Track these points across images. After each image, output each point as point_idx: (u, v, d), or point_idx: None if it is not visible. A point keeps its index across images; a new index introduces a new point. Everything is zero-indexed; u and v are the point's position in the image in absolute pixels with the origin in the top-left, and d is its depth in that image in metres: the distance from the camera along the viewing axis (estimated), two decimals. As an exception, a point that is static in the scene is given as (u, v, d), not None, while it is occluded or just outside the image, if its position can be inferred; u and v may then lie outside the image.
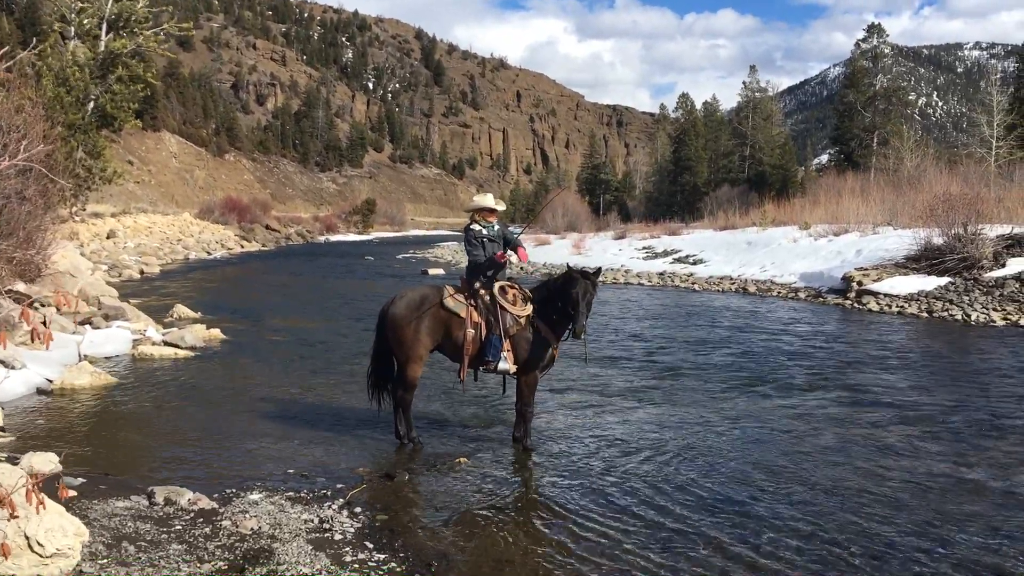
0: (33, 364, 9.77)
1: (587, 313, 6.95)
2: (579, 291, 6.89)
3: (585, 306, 6.91)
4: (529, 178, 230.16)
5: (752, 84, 77.55)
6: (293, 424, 8.30)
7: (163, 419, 8.43)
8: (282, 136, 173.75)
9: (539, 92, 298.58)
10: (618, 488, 6.52)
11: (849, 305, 20.74)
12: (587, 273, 7.06)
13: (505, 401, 8.53)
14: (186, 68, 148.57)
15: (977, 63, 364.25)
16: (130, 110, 35.55)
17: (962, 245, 20.51)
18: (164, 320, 15.29)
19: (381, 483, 6.53)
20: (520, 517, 5.92)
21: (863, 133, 62.67)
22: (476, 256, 7.47)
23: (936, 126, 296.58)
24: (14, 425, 7.82)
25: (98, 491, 5.93)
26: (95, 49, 34.04)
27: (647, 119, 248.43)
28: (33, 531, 4.37)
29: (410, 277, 30.35)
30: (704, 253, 34.21)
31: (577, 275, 6.98)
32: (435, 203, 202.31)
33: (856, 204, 33.02)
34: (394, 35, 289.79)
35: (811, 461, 7.31)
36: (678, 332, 16.22)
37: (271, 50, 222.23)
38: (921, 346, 14.86)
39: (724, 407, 9.41)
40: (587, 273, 7.06)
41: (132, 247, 34.89)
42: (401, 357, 7.47)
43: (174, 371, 11.08)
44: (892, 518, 5.90)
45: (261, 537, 5.25)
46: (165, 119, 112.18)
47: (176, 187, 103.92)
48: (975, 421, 8.78)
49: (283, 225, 74.37)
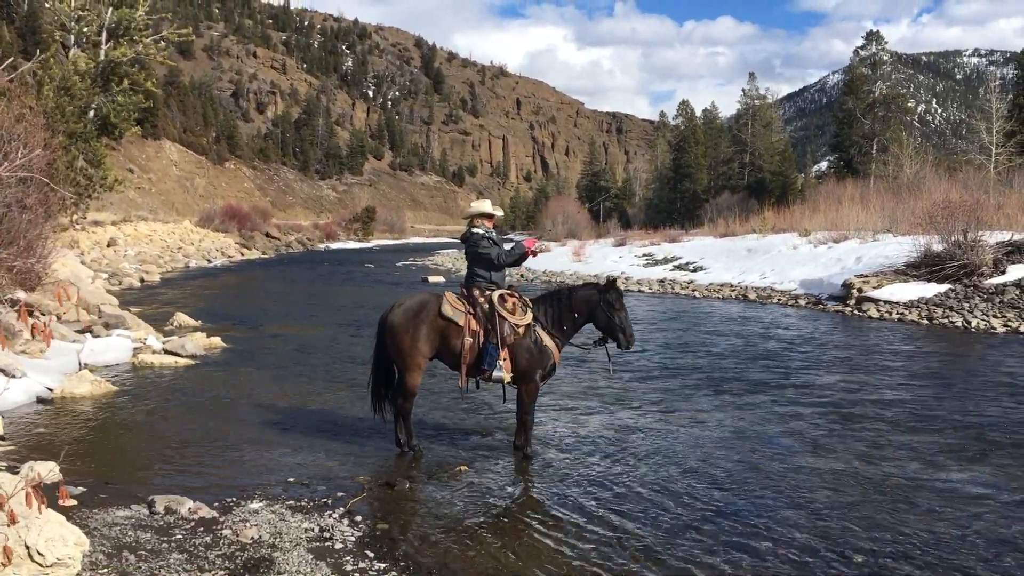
0: (33, 373, 9.76)
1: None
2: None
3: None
4: (529, 185, 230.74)
5: (751, 91, 77.73)
6: (293, 432, 8.29)
7: (163, 428, 8.42)
8: (282, 144, 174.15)
9: (539, 99, 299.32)
10: (619, 496, 6.51)
11: (849, 312, 20.74)
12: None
13: (506, 409, 8.53)
14: (186, 76, 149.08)
15: (976, 70, 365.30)
16: (131, 118, 35.61)
17: (962, 252, 20.51)
18: (164, 328, 15.28)
19: (382, 491, 6.52)
20: (521, 526, 5.90)
21: (862, 140, 62.77)
22: (489, 252, 7.43)
23: (935, 133, 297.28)
24: (14, 434, 7.81)
25: (98, 500, 5.92)
26: (95, 57, 34.11)
27: (647, 126, 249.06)
28: (33, 540, 4.36)
29: (410, 284, 30.35)
30: (704, 260, 34.20)
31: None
32: (435, 210, 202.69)
33: (856, 211, 33.03)
34: (394, 43, 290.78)
35: (813, 471, 7.30)
36: (678, 339, 16.22)
37: (271, 58, 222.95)
38: (922, 353, 14.85)
39: (726, 416, 9.40)
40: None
41: (132, 255, 34.89)
42: (400, 365, 7.45)
43: (174, 379, 11.08)
44: (897, 527, 5.89)
45: (262, 546, 5.24)
46: (165, 127, 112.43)
47: (176, 195, 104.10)
48: (976, 427, 8.76)
49: (283, 233, 74.51)
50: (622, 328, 7.27)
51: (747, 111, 76.99)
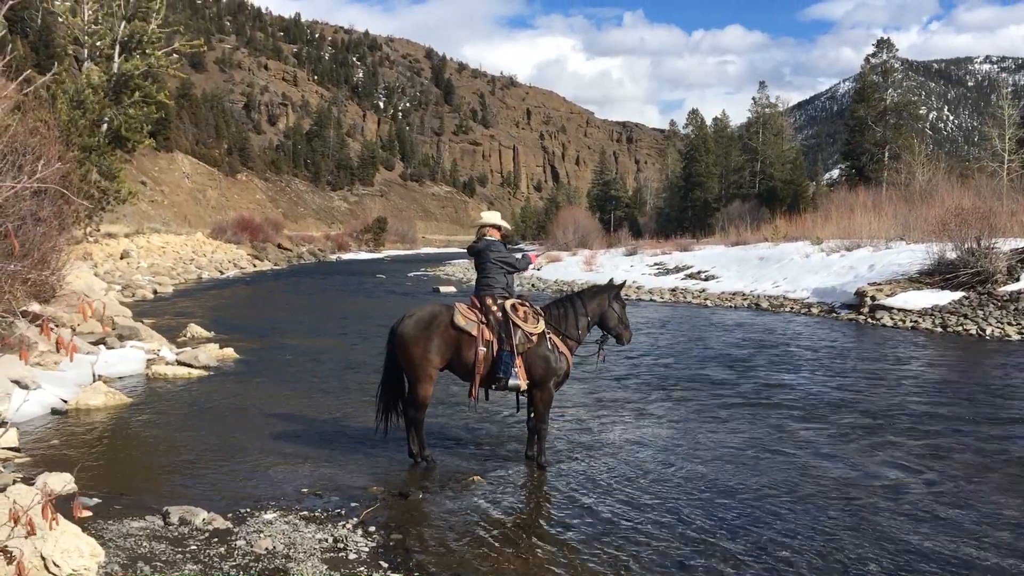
0: (48, 384, 9.81)
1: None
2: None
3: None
4: (540, 195, 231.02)
5: (762, 100, 77.73)
6: (306, 443, 8.30)
7: (177, 438, 8.45)
8: (294, 155, 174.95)
9: (549, 109, 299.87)
10: (631, 506, 6.49)
11: (863, 320, 20.65)
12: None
13: (518, 419, 8.51)
14: (199, 89, 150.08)
15: (988, 76, 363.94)
16: (143, 131, 35.83)
17: (975, 259, 20.40)
18: (178, 340, 15.34)
19: (395, 502, 6.52)
20: (534, 536, 5.89)
21: (874, 148, 62.62)
22: (508, 258, 7.61)
23: (947, 140, 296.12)
24: (29, 445, 7.84)
25: (113, 511, 5.94)
26: (108, 71, 34.37)
27: (657, 135, 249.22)
28: (49, 551, 4.39)
29: (422, 295, 30.39)
30: (716, 269, 34.12)
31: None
32: (446, 220, 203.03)
33: (868, 219, 32.91)
34: (404, 54, 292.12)
35: (828, 481, 7.27)
36: (690, 349, 16.18)
37: (283, 70, 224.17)
38: (936, 361, 14.76)
39: (738, 426, 9.36)
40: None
41: (145, 267, 35.07)
42: (411, 376, 7.45)
43: (188, 390, 11.12)
44: (909, 533, 5.85)
45: (276, 557, 5.24)
46: (178, 139, 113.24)
47: (189, 207, 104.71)
48: (994, 438, 8.71)
49: (295, 244, 74.70)
50: (626, 326, 7.65)
51: (758, 119, 76.94)
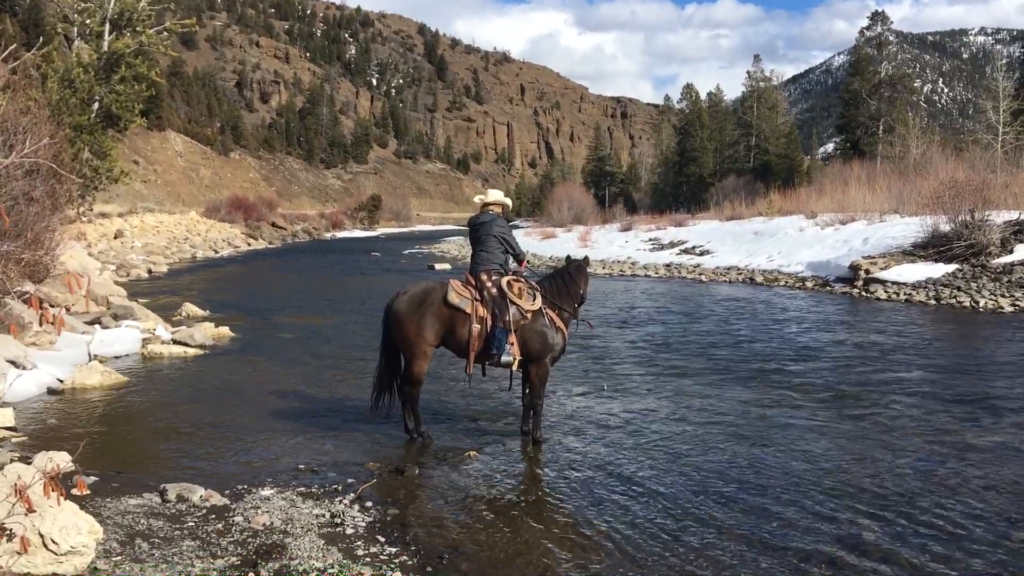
0: (44, 364, 9.82)
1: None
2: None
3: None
4: (534, 171, 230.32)
5: (756, 73, 77.39)
6: (303, 420, 8.33)
7: (174, 417, 8.47)
8: (287, 134, 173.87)
9: (543, 85, 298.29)
10: (626, 480, 6.54)
11: (857, 293, 20.71)
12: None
13: (513, 394, 8.55)
14: (190, 67, 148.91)
15: (983, 49, 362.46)
16: (135, 110, 35.53)
17: (969, 232, 20.44)
18: (173, 319, 15.34)
19: (391, 477, 6.55)
20: (530, 509, 5.94)
21: (869, 121, 62.41)
22: (515, 244, 7.74)
23: (942, 113, 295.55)
24: (26, 425, 7.86)
25: (111, 489, 5.97)
26: (98, 49, 34.03)
27: (651, 110, 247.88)
28: (48, 529, 4.41)
29: (417, 272, 30.39)
30: (711, 244, 34.15)
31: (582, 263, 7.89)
32: (440, 198, 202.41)
33: (862, 192, 32.94)
34: (397, 31, 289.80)
35: (826, 456, 7.32)
36: (685, 324, 16.22)
37: (274, 48, 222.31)
38: (930, 333, 14.83)
39: (731, 400, 9.42)
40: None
41: (139, 247, 35.00)
42: (406, 353, 7.46)
43: (184, 369, 11.14)
44: (902, 506, 5.91)
45: (273, 532, 5.28)
46: (170, 118, 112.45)
47: (182, 186, 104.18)
48: (990, 408, 8.77)
49: (289, 222, 74.52)
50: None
51: (752, 93, 76.64)
